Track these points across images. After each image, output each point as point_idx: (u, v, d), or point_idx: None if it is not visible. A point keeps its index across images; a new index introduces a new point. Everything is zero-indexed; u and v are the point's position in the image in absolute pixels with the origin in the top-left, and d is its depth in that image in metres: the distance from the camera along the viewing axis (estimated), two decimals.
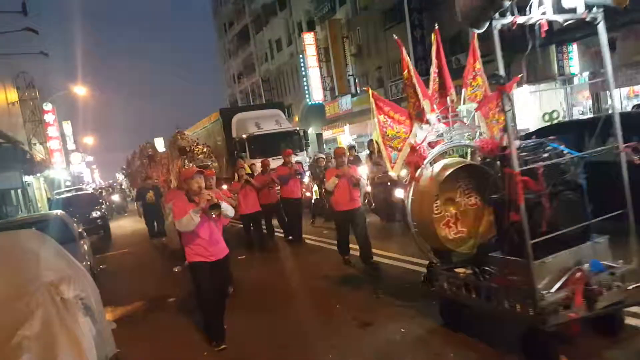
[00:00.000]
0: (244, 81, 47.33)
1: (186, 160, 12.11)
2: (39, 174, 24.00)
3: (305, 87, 31.83)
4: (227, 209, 4.41)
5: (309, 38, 31.00)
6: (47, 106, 27.24)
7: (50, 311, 2.45)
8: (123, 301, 6.31)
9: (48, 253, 3.16)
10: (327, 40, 30.35)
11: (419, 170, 3.95)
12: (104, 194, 27.84)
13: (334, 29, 29.86)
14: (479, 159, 4.02)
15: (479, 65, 4.34)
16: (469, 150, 4.23)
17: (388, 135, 4.07)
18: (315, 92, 31.36)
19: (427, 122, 4.00)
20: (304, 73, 31.52)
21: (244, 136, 14.95)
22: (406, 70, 4.19)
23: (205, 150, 12.10)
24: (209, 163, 11.74)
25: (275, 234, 9.30)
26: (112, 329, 4.42)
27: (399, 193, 7.51)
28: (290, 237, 8.73)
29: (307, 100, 32.13)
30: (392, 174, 4.10)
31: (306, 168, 14.15)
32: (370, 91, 4.35)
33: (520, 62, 17.17)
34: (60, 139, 30.66)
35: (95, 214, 12.03)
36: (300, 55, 31.59)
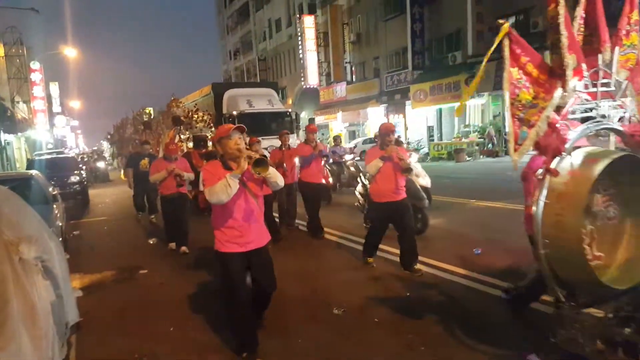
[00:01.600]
0: (240, 58, 46.73)
1: (181, 128, 11.30)
2: (20, 134, 23.39)
3: (302, 71, 31.51)
4: (276, 175, 3.31)
5: (309, 21, 30.65)
6: (35, 65, 26.47)
7: (6, 270, 2.32)
8: (93, 269, 6.17)
9: (11, 211, 3.00)
10: (327, 25, 30.03)
11: (556, 161, 2.64)
12: (86, 159, 27.22)
13: (335, 14, 29.55)
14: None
15: (636, 16, 2.88)
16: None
17: (520, 102, 2.74)
18: (311, 76, 31.11)
19: (567, 87, 2.63)
20: (301, 56, 31.17)
21: (235, 113, 14.59)
22: (553, 5, 2.61)
23: (205, 118, 11.41)
24: (208, 134, 11.01)
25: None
26: (77, 297, 4.32)
27: (424, 181, 6.75)
28: (302, 228, 7.53)
29: (302, 83, 31.84)
30: (515, 158, 2.68)
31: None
32: (506, 25, 2.76)
33: None
34: (45, 99, 29.87)
35: (74, 178, 11.74)
36: (299, 38, 31.19)
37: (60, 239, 6.27)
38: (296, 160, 7.47)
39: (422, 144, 23.49)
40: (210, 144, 10.62)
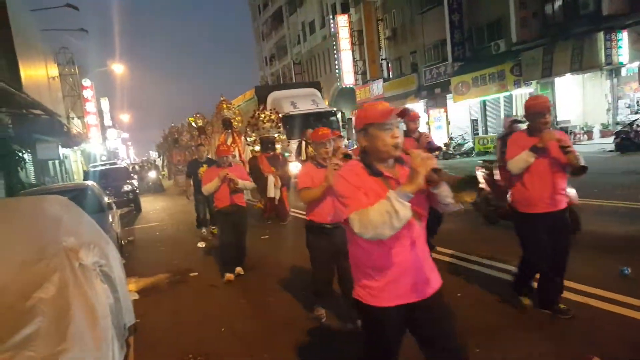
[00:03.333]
0: (275, 64, 47.33)
1: (248, 130, 10.08)
2: (76, 147, 24.80)
3: (337, 71, 31.47)
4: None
5: (342, 20, 30.56)
6: (86, 82, 28.03)
7: (68, 276, 2.44)
8: (147, 273, 6.41)
9: (71, 219, 3.17)
10: (361, 22, 29.82)
11: None
12: (137, 169, 27.97)
13: (369, 11, 29.29)
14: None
15: None
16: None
17: None
18: (347, 76, 31.00)
19: None
20: (336, 56, 31.12)
21: (280, 115, 14.24)
22: None
23: (273, 117, 9.95)
24: (276, 134, 9.97)
25: None
26: (133, 299, 4.50)
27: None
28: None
29: (338, 84, 31.77)
30: None
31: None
32: None
33: (565, 50, 16.45)
34: (97, 114, 31.58)
35: (127, 187, 12.29)
36: (333, 38, 31.16)
37: (116, 244, 6.57)
38: None
39: (466, 138, 22.82)
40: (278, 146, 9.94)
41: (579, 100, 18.97)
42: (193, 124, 16.54)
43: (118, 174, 13.77)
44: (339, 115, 15.86)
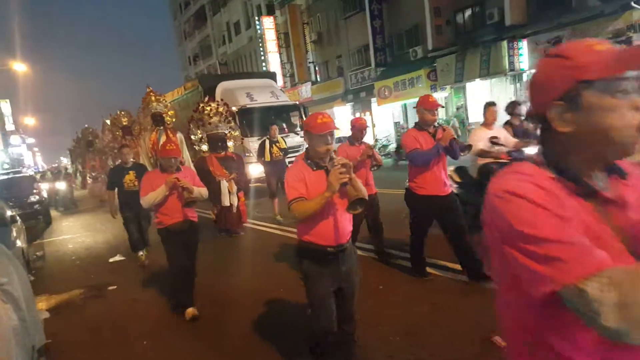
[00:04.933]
0: (200, 63, 46.06)
1: (191, 127, 8.32)
2: None
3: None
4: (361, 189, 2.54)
5: (268, 22, 30.49)
6: None
7: None
8: (59, 289, 5.94)
9: None
10: (287, 25, 29.95)
11: None
12: (46, 177, 24.38)
13: (294, 14, 29.51)
14: None
15: None
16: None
17: None
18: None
19: None
20: (263, 58, 30.98)
21: (234, 109, 12.08)
22: None
23: (221, 110, 8.06)
24: (227, 130, 8.08)
25: None
26: (43, 319, 4.15)
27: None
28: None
29: None
30: None
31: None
32: None
33: (475, 57, 17.76)
34: None
35: (34, 198, 11.27)
36: (260, 40, 30.98)
37: (22, 261, 6.02)
38: None
39: (390, 139, 23.81)
40: (230, 144, 8.13)
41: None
42: (108, 122, 14.58)
43: (23, 183, 12.53)
44: (302, 109, 14.17)
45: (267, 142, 8.56)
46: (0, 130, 29.63)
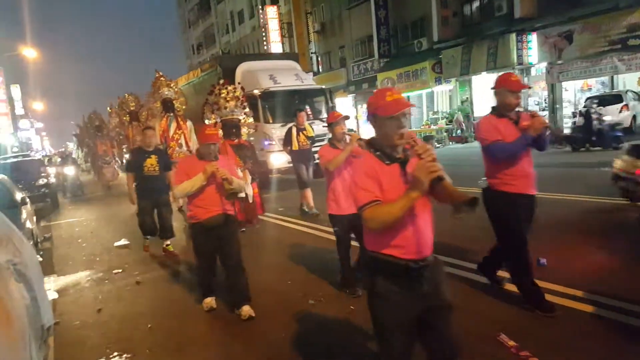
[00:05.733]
0: (203, 52, 45.99)
1: (206, 111, 7.66)
2: None
3: None
4: None
5: (271, 11, 30.37)
6: None
7: None
8: (67, 271, 6.07)
9: None
10: (291, 15, 29.81)
11: None
12: (53, 161, 24.17)
13: (298, 3, 29.38)
14: None
15: None
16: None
17: None
18: None
19: None
20: (265, 47, 30.90)
21: (256, 92, 11.29)
22: None
23: (238, 94, 7.39)
24: (242, 116, 7.46)
25: None
26: (52, 299, 4.26)
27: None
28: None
29: None
30: None
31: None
32: None
33: (481, 49, 17.64)
34: (7, 102, 28.77)
35: (42, 181, 11.41)
36: (263, 29, 30.88)
37: (32, 241, 6.14)
38: None
39: None
40: (244, 130, 7.44)
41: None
42: (114, 108, 14.05)
43: (31, 166, 12.69)
44: (328, 93, 13.15)
45: (294, 129, 8.00)
46: (10, 114, 29.76)
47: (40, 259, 4.33)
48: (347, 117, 4.17)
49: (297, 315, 3.92)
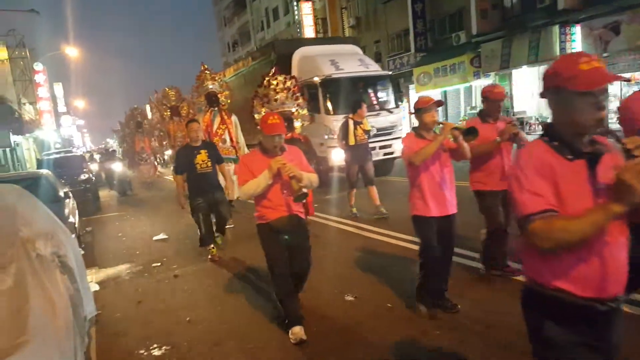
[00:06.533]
0: (239, 50, 46.51)
1: (255, 104, 6.50)
2: (28, 135, 23.60)
3: None
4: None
5: (306, 7, 30.33)
6: (38, 66, 26.60)
7: (25, 267, 2.36)
8: (108, 264, 6.26)
9: (26, 209, 3.04)
10: (325, 10, 29.69)
11: None
12: (94, 156, 24.13)
13: None
14: None
15: None
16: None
17: None
18: None
19: None
20: None
21: (317, 79, 10.28)
22: None
23: (289, 84, 6.52)
24: (294, 109, 6.54)
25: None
26: (93, 291, 4.39)
27: None
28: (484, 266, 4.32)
29: None
30: None
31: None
32: None
33: (522, 42, 17.01)
34: (50, 100, 30.09)
35: (83, 176, 11.85)
36: (297, 25, 30.91)
37: (74, 235, 6.36)
38: None
39: None
40: (297, 123, 6.54)
41: (535, 92, 19.70)
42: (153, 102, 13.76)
43: (74, 162, 13.22)
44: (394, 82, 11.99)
45: (351, 122, 7.33)
46: (53, 111, 31.16)
47: (83, 252, 4.45)
48: (440, 103, 3.53)
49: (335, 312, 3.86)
